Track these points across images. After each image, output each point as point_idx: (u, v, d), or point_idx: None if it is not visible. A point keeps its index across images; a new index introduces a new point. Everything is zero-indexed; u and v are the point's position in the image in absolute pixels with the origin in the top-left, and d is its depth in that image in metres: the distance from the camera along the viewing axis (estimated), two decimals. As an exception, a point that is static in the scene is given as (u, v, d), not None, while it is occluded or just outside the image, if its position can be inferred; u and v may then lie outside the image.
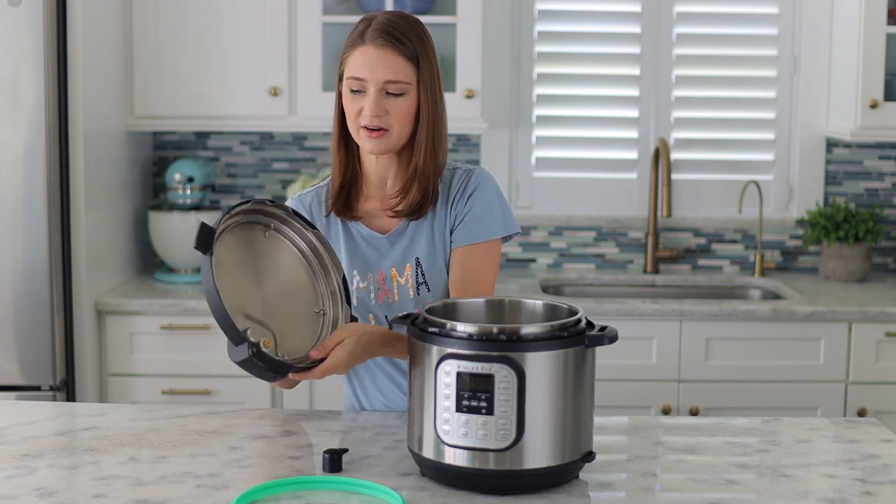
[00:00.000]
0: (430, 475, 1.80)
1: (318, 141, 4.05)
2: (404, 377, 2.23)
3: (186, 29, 3.68)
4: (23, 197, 3.21)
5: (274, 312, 2.01)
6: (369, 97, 2.09)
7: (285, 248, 2.09)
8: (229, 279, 1.96)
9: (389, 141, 2.12)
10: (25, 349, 3.25)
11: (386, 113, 2.10)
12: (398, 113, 2.11)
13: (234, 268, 2.00)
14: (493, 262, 2.19)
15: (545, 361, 1.71)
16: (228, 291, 1.94)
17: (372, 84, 2.09)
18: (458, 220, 2.19)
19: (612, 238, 4.09)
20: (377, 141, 2.12)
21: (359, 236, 2.22)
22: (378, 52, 2.09)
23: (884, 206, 4.06)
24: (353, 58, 2.11)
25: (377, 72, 2.09)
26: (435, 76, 2.15)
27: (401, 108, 2.11)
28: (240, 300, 1.97)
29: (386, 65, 2.09)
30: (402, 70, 2.10)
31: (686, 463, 1.93)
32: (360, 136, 2.13)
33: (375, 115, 2.09)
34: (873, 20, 3.65)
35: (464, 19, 3.65)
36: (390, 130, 2.11)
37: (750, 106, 4.05)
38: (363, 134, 2.12)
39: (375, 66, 2.09)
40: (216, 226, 1.94)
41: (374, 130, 2.10)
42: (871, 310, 3.47)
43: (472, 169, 2.23)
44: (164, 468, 1.85)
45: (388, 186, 2.22)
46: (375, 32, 2.10)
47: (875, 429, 2.12)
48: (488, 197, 2.19)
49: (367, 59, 2.09)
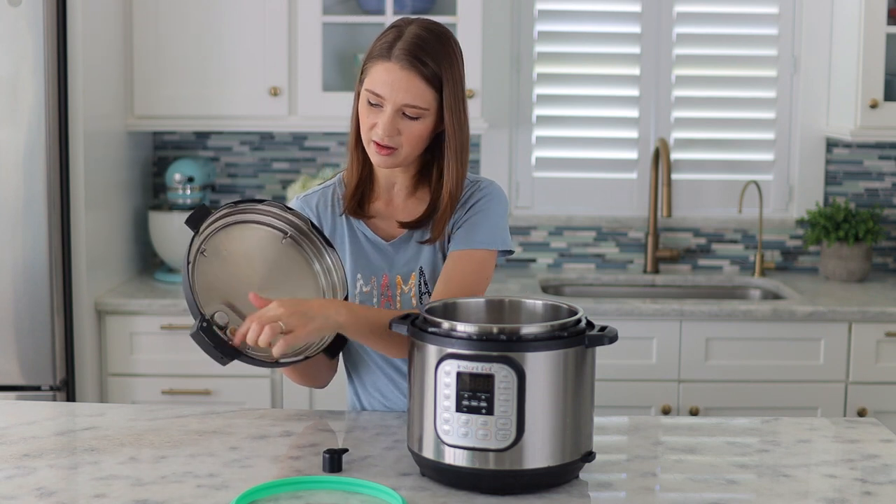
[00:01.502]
0: (430, 475, 1.80)
1: (318, 141, 4.05)
2: (404, 378, 2.22)
3: (186, 29, 3.68)
4: (23, 197, 3.21)
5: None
6: (384, 116, 2.07)
7: (298, 258, 2.08)
8: (225, 268, 1.97)
9: (396, 159, 2.11)
10: (25, 349, 3.25)
11: (398, 133, 2.09)
12: (410, 135, 2.09)
13: (238, 261, 2.00)
14: (484, 272, 2.14)
15: (545, 361, 1.71)
16: (215, 277, 1.94)
17: (389, 104, 2.07)
18: (457, 224, 2.18)
19: (612, 238, 4.09)
20: (384, 158, 2.11)
21: (364, 239, 2.22)
22: (401, 74, 2.05)
23: (884, 206, 4.06)
24: (376, 71, 2.08)
25: (397, 94, 2.06)
26: (459, 96, 2.11)
27: (413, 132, 2.09)
28: (226, 288, 1.96)
29: (407, 88, 2.06)
30: (421, 95, 2.06)
31: (686, 463, 1.93)
32: (369, 148, 2.12)
33: (387, 136, 2.08)
34: (873, 20, 3.65)
35: (464, 19, 3.65)
36: (399, 150, 2.10)
37: (750, 106, 4.05)
38: (373, 147, 2.11)
39: (396, 88, 2.06)
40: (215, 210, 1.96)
41: (384, 147, 2.10)
42: (871, 310, 3.47)
43: (481, 180, 2.22)
44: (164, 468, 1.85)
45: (396, 191, 2.22)
46: (402, 52, 2.06)
47: (875, 429, 2.12)
48: (493, 208, 2.17)
49: (388, 77, 2.06)
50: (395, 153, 2.10)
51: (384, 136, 2.07)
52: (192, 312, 1.90)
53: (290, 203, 2.22)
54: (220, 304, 1.94)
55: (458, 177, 2.14)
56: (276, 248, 2.07)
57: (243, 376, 3.45)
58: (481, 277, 2.13)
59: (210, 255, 1.97)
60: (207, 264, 1.96)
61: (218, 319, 1.91)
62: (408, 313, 1.85)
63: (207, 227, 1.98)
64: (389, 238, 2.21)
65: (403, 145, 2.09)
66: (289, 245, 2.08)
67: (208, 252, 1.97)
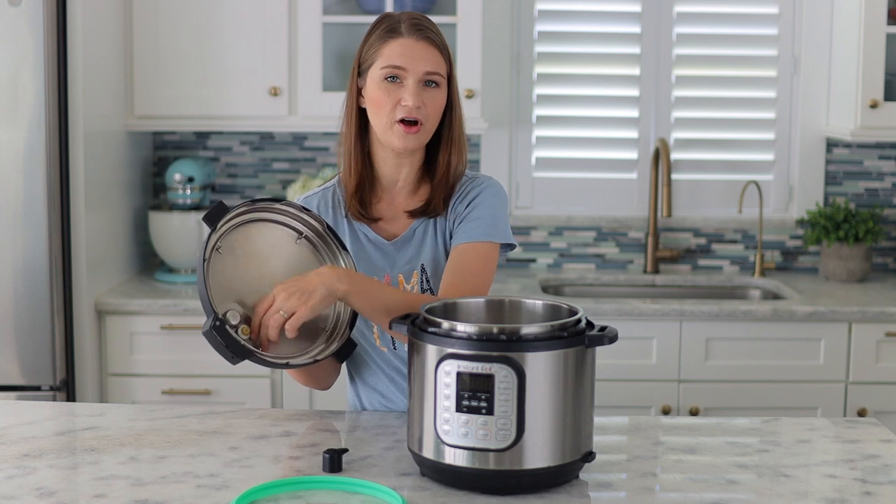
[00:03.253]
0: (430, 475, 1.80)
1: (318, 141, 4.05)
2: (404, 378, 2.23)
3: (186, 29, 3.68)
4: (23, 197, 3.21)
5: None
6: (408, 88, 2.08)
7: (312, 259, 2.08)
8: (239, 266, 1.98)
9: (421, 136, 2.12)
10: (25, 349, 3.25)
11: (424, 104, 2.10)
12: (434, 105, 2.11)
13: (252, 260, 2.01)
14: (489, 265, 2.14)
15: (545, 361, 1.71)
16: (229, 275, 1.95)
17: (412, 75, 2.09)
18: (457, 220, 2.18)
19: (612, 238, 4.09)
20: (413, 136, 2.10)
21: (366, 240, 2.21)
22: (418, 44, 2.10)
23: (884, 206, 4.06)
24: (390, 48, 2.10)
25: (417, 63, 2.09)
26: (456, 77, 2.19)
27: (436, 101, 2.12)
28: (239, 287, 1.97)
29: (426, 56, 2.10)
30: (438, 62, 2.12)
31: (686, 463, 1.93)
32: (392, 131, 2.11)
33: (416, 105, 2.08)
34: (873, 20, 3.65)
35: (464, 19, 3.65)
36: (424, 124, 2.11)
37: (750, 106, 4.05)
38: (398, 129, 2.10)
39: (416, 58, 2.09)
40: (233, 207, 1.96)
41: (411, 125, 2.10)
42: (871, 310, 3.47)
43: (480, 176, 2.23)
44: (164, 468, 1.85)
45: (398, 188, 2.22)
46: (410, 27, 2.11)
47: (875, 429, 2.12)
48: (493, 202, 2.18)
49: (406, 50, 2.09)
50: (422, 129, 2.11)
51: (414, 107, 2.08)
52: (205, 310, 1.90)
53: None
54: (232, 302, 1.95)
55: (459, 148, 2.17)
56: (291, 247, 2.07)
57: (243, 376, 3.45)
58: (487, 269, 2.13)
59: (225, 253, 1.98)
60: (222, 262, 1.96)
61: (230, 318, 1.91)
62: (408, 313, 1.85)
63: (224, 224, 1.97)
64: (391, 237, 2.21)
65: (429, 117, 2.11)
66: (303, 245, 2.08)
67: (223, 249, 1.97)
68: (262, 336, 1.93)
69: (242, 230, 2.01)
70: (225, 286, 1.95)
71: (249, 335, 1.93)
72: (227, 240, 1.99)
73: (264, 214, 2.04)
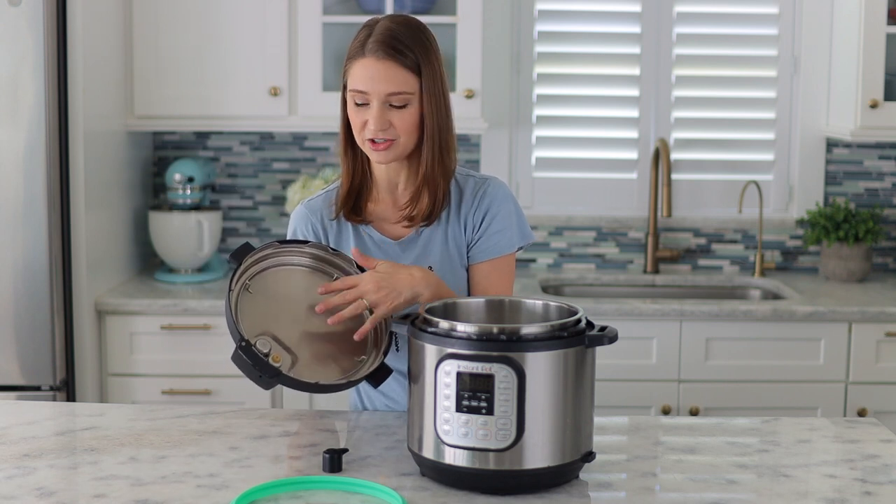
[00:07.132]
0: (430, 475, 1.80)
1: (318, 141, 4.05)
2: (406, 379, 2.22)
3: (186, 29, 3.68)
4: (23, 197, 3.21)
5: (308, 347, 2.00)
6: (372, 111, 2.08)
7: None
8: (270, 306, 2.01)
9: (396, 151, 2.12)
10: (25, 349, 3.25)
11: (390, 125, 2.09)
12: (403, 124, 2.10)
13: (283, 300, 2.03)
14: (512, 273, 2.24)
15: (545, 361, 1.71)
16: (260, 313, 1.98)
17: (374, 97, 2.08)
18: (475, 234, 2.20)
19: (612, 238, 4.09)
20: (384, 153, 2.11)
21: (370, 241, 2.21)
22: (378, 65, 2.07)
23: (884, 206, 4.06)
24: (355, 69, 2.10)
25: (379, 85, 2.07)
26: (438, 82, 2.13)
27: (405, 120, 2.10)
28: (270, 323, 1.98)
29: (387, 77, 2.07)
30: (403, 81, 2.08)
31: (686, 463, 1.93)
32: (366, 148, 2.13)
33: (380, 129, 2.08)
34: (873, 20, 3.65)
35: (464, 19, 3.65)
36: (397, 140, 2.10)
37: (750, 106, 4.05)
38: (368, 146, 2.12)
39: (377, 79, 2.07)
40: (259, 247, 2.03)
41: (381, 143, 2.10)
42: (871, 310, 3.47)
43: (487, 179, 2.23)
44: (164, 468, 1.85)
45: (400, 191, 2.22)
46: (375, 44, 2.08)
47: (875, 429, 2.12)
48: (506, 210, 2.21)
49: (367, 72, 2.08)
50: (394, 145, 2.11)
51: (377, 131, 2.08)
52: (233, 337, 1.94)
53: (295, 209, 2.24)
54: (261, 336, 1.96)
55: (433, 160, 2.15)
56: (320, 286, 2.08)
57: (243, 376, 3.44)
58: (511, 278, 2.24)
59: (255, 293, 2.01)
60: (252, 302, 2.00)
61: (260, 346, 1.93)
62: (408, 313, 1.86)
63: (249, 260, 2.02)
64: (397, 238, 2.21)
65: (400, 136, 2.11)
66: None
67: (253, 289, 2.01)
68: (333, 303, 1.97)
69: (273, 273, 2.05)
70: (256, 324, 1.97)
71: (280, 363, 1.93)
72: (258, 282, 2.02)
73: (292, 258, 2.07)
